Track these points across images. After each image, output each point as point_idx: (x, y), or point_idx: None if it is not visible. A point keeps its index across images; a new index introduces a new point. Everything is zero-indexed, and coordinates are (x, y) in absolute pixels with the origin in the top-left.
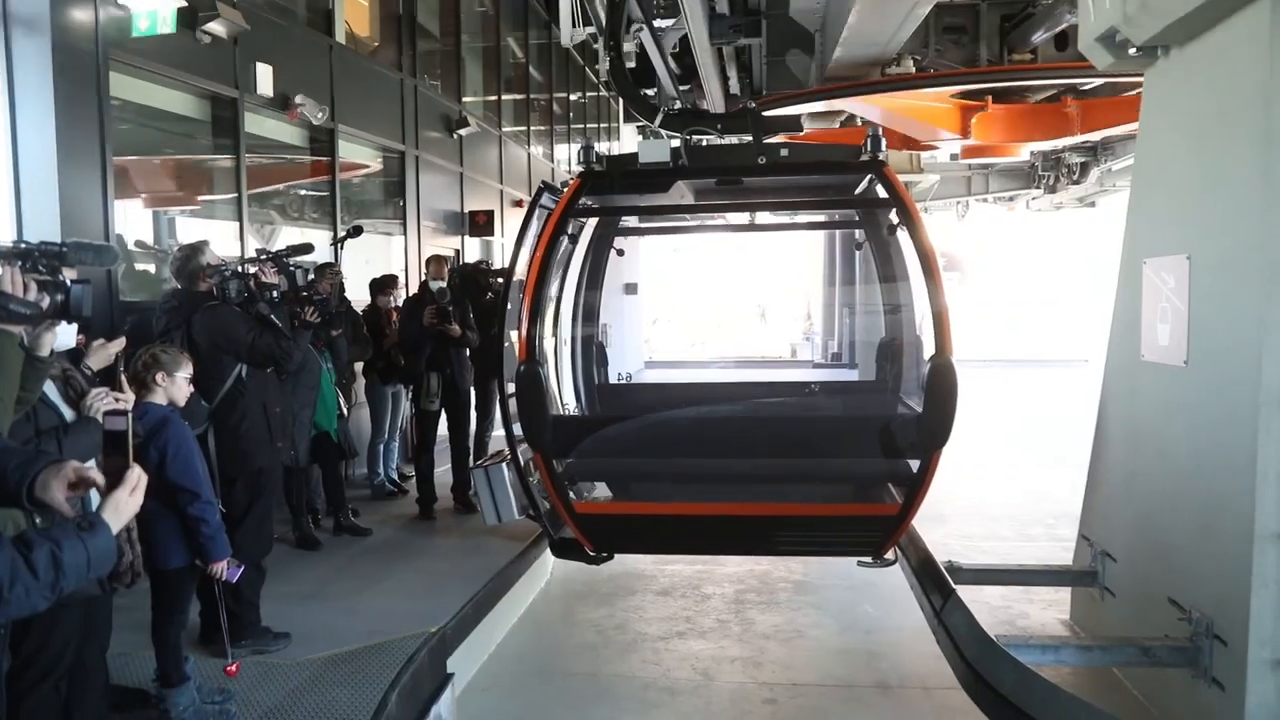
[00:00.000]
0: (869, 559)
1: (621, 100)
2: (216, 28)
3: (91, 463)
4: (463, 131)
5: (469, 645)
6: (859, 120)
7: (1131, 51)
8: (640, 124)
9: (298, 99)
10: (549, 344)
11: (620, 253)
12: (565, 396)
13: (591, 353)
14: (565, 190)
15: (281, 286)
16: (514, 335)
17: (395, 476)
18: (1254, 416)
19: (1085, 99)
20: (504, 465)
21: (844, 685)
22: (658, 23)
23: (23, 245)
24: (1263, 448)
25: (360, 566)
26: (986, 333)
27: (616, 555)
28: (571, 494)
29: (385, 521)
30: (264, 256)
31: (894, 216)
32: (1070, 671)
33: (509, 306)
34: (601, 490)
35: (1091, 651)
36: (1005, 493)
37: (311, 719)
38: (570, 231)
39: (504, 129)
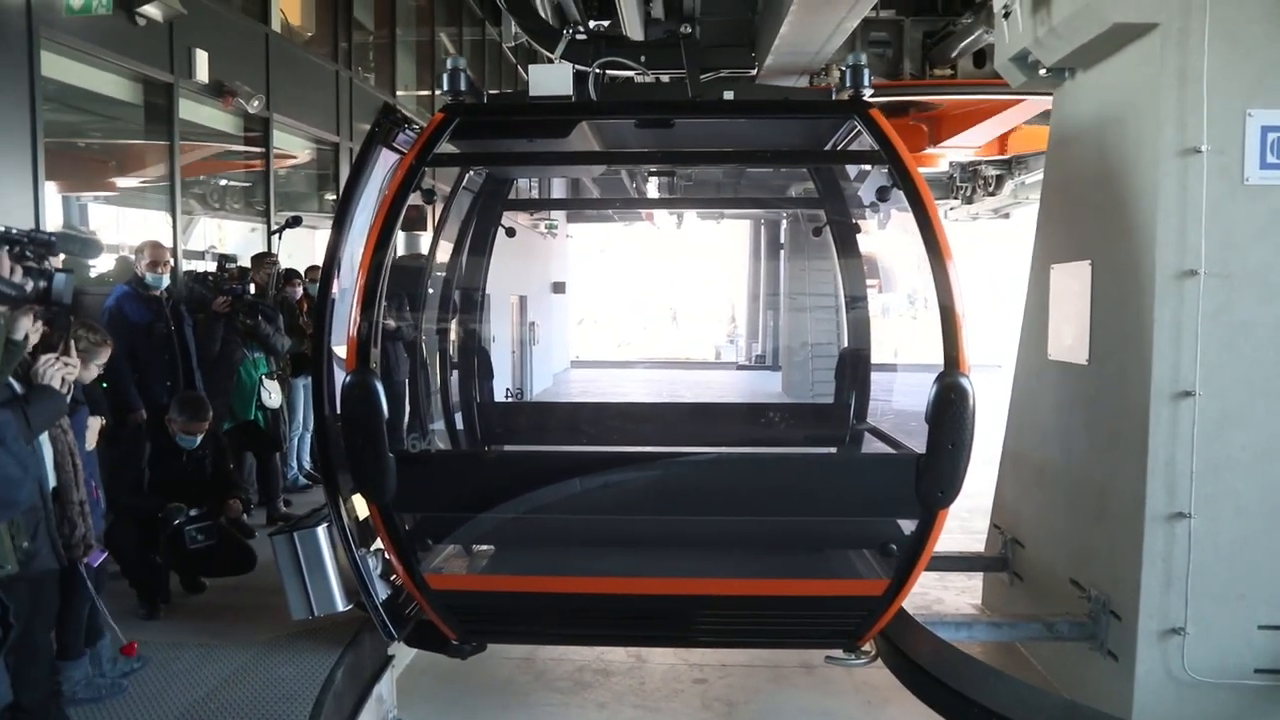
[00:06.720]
0: (839, 651)
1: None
2: (152, 10)
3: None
4: None
5: None
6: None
7: (1042, 72)
8: None
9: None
10: (398, 351)
11: (510, 232)
12: (425, 424)
13: (470, 363)
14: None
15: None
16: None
17: (309, 468)
18: (1146, 408)
19: (928, 112)
20: (320, 530)
21: (770, 666)
22: None
23: (14, 231)
24: (1153, 437)
25: None
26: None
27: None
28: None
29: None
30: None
31: (881, 178)
32: (981, 648)
33: (331, 294)
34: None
35: (1000, 628)
36: None
37: (258, 696)
38: (426, 187)
39: None
